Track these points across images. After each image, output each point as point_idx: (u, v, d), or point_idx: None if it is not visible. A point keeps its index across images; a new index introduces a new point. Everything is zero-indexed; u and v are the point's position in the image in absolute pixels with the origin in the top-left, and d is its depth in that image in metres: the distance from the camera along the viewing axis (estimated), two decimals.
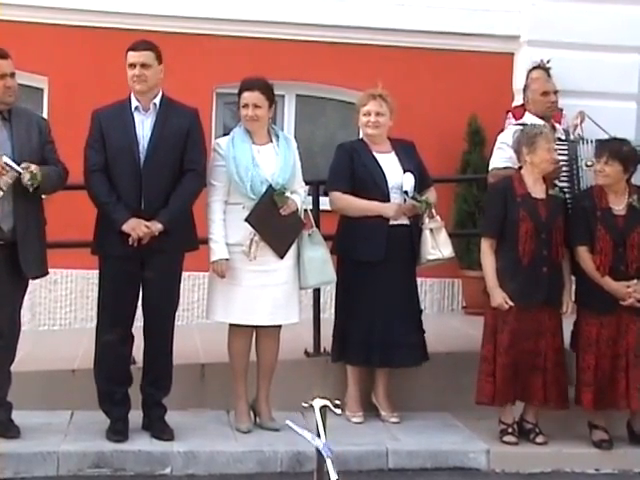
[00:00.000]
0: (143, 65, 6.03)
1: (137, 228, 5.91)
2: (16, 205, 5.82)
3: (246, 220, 6.17)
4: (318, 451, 3.69)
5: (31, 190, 5.74)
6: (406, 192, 6.59)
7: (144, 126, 6.08)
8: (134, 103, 6.12)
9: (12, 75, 5.92)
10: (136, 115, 6.10)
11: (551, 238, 6.36)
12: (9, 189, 5.70)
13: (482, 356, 6.49)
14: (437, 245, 6.65)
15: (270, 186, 6.20)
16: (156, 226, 5.94)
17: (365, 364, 6.72)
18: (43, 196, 6.12)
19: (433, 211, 6.65)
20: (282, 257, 6.29)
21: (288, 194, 6.28)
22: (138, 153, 6.02)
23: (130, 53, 6.07)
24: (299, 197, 6.41)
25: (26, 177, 5.67)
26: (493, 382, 6.41)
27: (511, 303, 6.29)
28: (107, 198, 6.02)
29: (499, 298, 6.28)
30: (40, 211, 6.09)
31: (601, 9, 8.82)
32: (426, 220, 6.63)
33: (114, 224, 5.97)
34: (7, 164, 5.65)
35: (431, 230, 6.64)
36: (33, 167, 5.71)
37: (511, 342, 6.39)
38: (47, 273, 6.23)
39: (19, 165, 5.69)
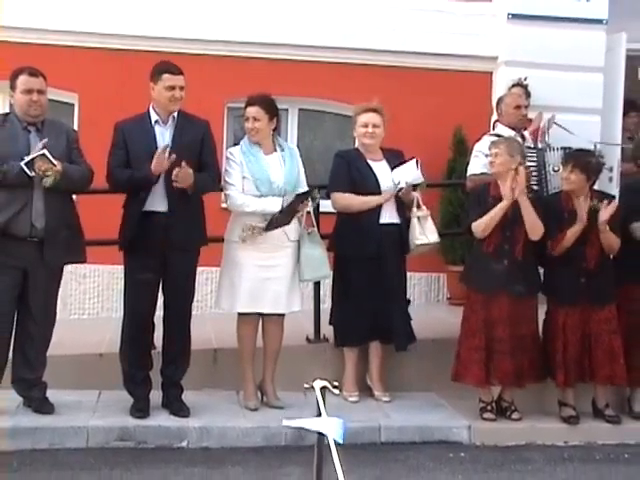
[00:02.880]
0: (182, 88, 6.05)
1: (159, 160, 5.85)
2: (48, 205, 5.82)
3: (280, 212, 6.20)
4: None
5: (50, 180, 5.69)
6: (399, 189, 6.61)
7: (164, 137, 6.07)
8: (154, 117, 6.11)
9: (39, 92, 5.92)
10: (157, 127, 6.10)
11: (514, 235, 6.35)
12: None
13: (458, 339, 6.55)
14: (424, 231, 6.68)
15: (312, 190, 6.39)
16: (187, 168, 5.87)
17: (359, 344, 6.75)
18: (74, 197, 6.15)
19: (420, 201, 6.66)
20: (266, 229, 6.23)
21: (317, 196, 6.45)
22: None
23: (169, 76, 6.03)
24: (311, 201, 6.45)
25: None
26: (463, 362, 6.47)
27: None
28: (129, 173, 5.99)
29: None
30: (71, 209, 6.09)
31: (569, 33, 8.81)
32: (414, 209, 6.66)
33: (145, 180, 5.93)
34: (46, 155, 5.66)
35: (418, 218, 6.66)
36: (58, 167, 5.70)
37: (478, 328, 6.42)
38: (78, 262, 6.23)
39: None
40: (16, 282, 5.91)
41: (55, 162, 5.68)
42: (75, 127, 8.46)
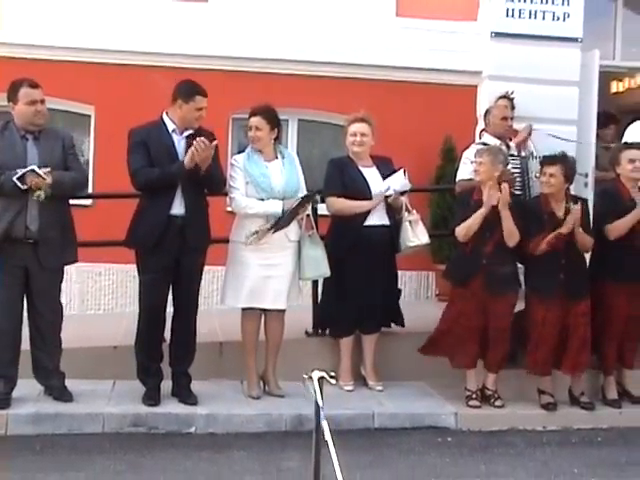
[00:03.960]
0: (205, 108, 6.09)
1: (198, 148, 5.84)
2: (42, 210, 5.80)
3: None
4: (317, 414, 3.71)
5: (42, 193, 5.69)
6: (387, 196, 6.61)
7: (181, 144, 6.08)
8: (170, 126, 6.10)
9: (42, 102, 5.93)
10: (174, 135, 6.10)
11: (492, 237, 6.36)
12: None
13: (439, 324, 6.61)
14: (416, 234, 6.67)
15: (315, 193, 6.42)
16: (211, 145, 5.90)
17: (347, 335, 6.76)
18: (72, 201, 6.13)
19: (409, 206, 6.66)
20: (271, 229, 6.23)
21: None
22: None
23: (201, 98, 6.06)
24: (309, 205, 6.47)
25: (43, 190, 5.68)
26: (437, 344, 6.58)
27: None
28: (159, 171, 5.97)
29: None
30: (65, 212, 6.06)
31: (547, 51, 8.84)
32: (405, 214, 6.65)
33: (178, 172, 5.93)
34: (35, 171, 5.66)
35: (410, 222, 6.66)
36: (48, 179, 5.68)
37: (455, 318, 6.49)
38: (71, 262, 6.19)
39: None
40: (20, 280, 5.93)
41: (44, 176, 5.66)
42: (92, 136, 8.51)
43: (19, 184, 5.64)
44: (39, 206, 5.78)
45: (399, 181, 6.60)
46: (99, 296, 8.53)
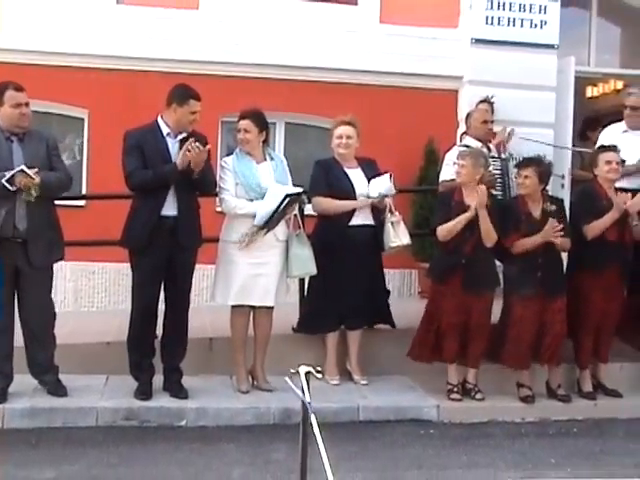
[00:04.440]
0: (199, 112, 6.10)
1: (185, 150, 5.86)
2: (29, 210, 5.79)
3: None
4: (304, 408, 3.70)
5: (32, 194, 5.67)
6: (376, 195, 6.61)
7: (174, 148, 6.07)
8: (165, 129, 6.09)
9: (27, 104, 5.90)
10: (168, 139, 6.09)
11: (472, 237, 6.35)
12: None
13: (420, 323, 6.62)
14: (398, 235, 6.66)
15: (302, 192, 6.33)
16: (205, 149, 5.92)
17: (334, 329, 6.77)
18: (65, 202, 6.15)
19: (392, 208, 6.67)
20: (261, 229, 6.22)
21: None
22: None
23: (194, 102, 6.05)
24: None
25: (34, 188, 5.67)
26: (422, 344, 6.58)
27: None
28: (153, 172, 5.96)
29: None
30: (51, 212, 6.03)
31: (525, 57, 8.91)
32: (388, 215, 6.64)
33: (172, 173, 5.93)
34: (24, 171, 5.65)
35: (392, 223, 6.66)
36: (37, 179, 5.67)
37: (435, 314, 6.50)
38: (58, 260, 6.16)
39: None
40: (10, 278, 5.90)
41: (33, 175, 5.64)
42: (85, 139, 8.49)
43: (8, 186, 5.62)
44: (27, 206, 5.76)
45: (385, 185, 6.60)
46: (92, 294, 8.51)
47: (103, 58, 8.39)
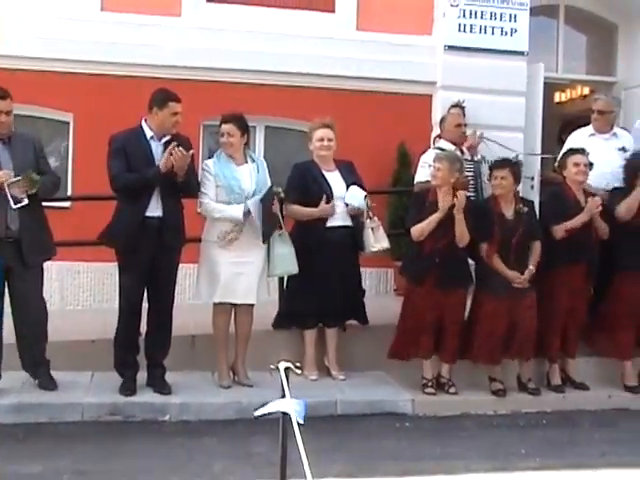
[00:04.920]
0: (180, 113, 6.09)
1: (175, 155, 5.84)
2: (21, 211, 5.79)
3: (261, 199, 6.20)
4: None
5: (34, 191, 5.73)
6: (347, 204, 6.61)
7: (158, 151, 6.06)
8: (148, 133, 6.08)
9: (7, 113, 5.86)
10: (151, 142, 6.08)
11: (445, 236, 6.38)
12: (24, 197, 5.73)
13: (398, 323, 6.62)
14: (378, 240, 6.69)
15: (272, 186, 6.29)
16: (188, 154, 5.90)
17: (312, 327, 6.77)
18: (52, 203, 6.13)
19: (371, 214, 6.67)
20: (264, 242, 6.29)
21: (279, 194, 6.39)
22: None
23: (174, 104, 6.05)
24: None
25: (27, 183, 5.70)
26: (400, 342, 6.59)
27: None
28: (137, 175, 5.96)
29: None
30: (41, 213, 6.04)
31: (496, 63, 8.94)
32: (367, 221, 6.65)
33: (155, 176, 5.92)
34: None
35: (372, 229, 6.67)
36: (33, 174, 5.72)
37: (411, 312, 6.52)
38: (49, 258, 6.16)
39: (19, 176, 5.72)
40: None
41: (18, 178, 5.68)
42: (70, 142, 8.44)
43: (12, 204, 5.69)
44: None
45: (358, 200, 6.60)
46: (78, 293, 8.46)
47: (88, 63, 8.34)
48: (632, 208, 6.76)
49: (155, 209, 6.03)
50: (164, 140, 6.07)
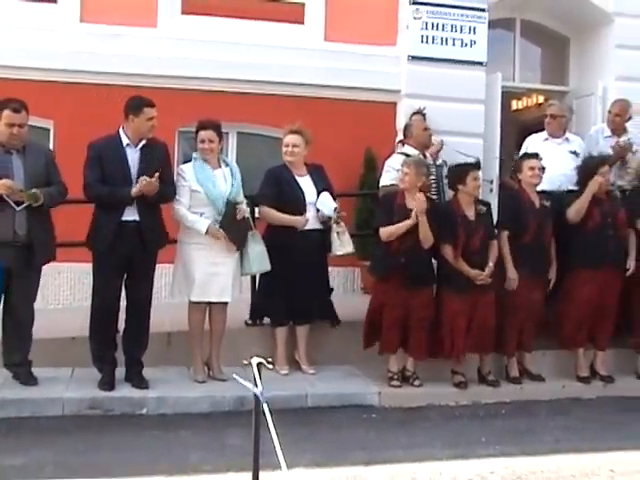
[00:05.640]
0: (155, 118, 6.04)
1: (146, 185, 5.83)
2: (28, 216, 5.79)
3: (220, 226, 6.17)
4: (255, 395, 3.71)
5: (34, 205, 5.75)
6: (318, 209, 6.61)
7: (134, 157, 6.02)
8: (125, 140, 6.04)
9: (20, 126, 5.84)
10: (127, 149, 6.03)
11: (411, 237, 6.38)
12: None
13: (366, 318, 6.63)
14: (343, 244, 6.69)
15: (228, 200, 6.21)
16: (154, 181, 5.87)
17: (285, 323, 6.76)
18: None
19: (339, 218, 6.67)
20: (238, 249, 6.29)
21: (242, 205, 6.32)
22: (131, 178, 5.96)
23: (150, 110, 6.02)
24: (245, 207, 6.41)
25: (31, 199, 5.73)
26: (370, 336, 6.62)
27: None
28: (110, 190, 5.93)
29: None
30: (48, 219, 6.03)
31: (457, 72, 8.99)
32: (334, 226, 6.65)
33: (124, 200, 5.89)
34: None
35: (337, 233, 6.67)
36: (36, 191, 5.74)
37: (378, 310, 6.51)
38: (53, 259, 6.14)
39: (30, 189, 5.74)
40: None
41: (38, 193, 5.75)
42: (51, 147, 8.35)
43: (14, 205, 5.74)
44: (27, 213, 5.78)
45: (328, 209, 6.60)
46: (58, 292, 8.39)
47: (68, 72, 8.29)
48: (581, 211, 6.82)
49: (131, 213, 5.99)
50: (141, 145, 6.03)
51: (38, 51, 8.26)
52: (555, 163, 7.27)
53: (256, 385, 3.64)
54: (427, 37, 9.06)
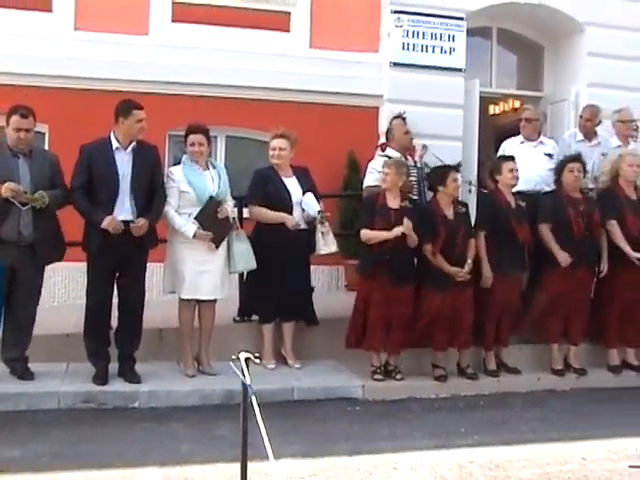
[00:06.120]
0: (144, 119, 6.05)
1: (111, 224, 5.85)
2: (34, 217, 5.80)
3: (195, 218, 6.17)
4: (244, 389, 3.71)
5: (37, 207, 5.76)
6: (304, 209, 6.62)
7: (123, 160, 6.01)
8: (115, 144, 6.03)
9: (27, 130, 5.85)
10: (117, 153, 6.02)
11: (396, 238, 6.37)
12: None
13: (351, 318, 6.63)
14: (327, 243, 6.70)
15: (211, 197, 6.22)
16: (142, 223, 5.90)
17: (271, 320, 6.77)
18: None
19: (323, 219, 6.69)
20: (217, 247, 6.28)
21: (226, 204, 6.33)
22: (118, 181, 5.95)
23: (138, 112, 6.01)
24: (230, 207, 6.42)
25: (36, 203, 5.75)
26: (355, 333, 6.59)
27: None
28: (87, 208, 5.94)
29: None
30: (54, 221, 6.04)
31: (436, 78, 9.06)
32: (318, 226, 6.67)
33: (96, 223, 5.90)
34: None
35: (322, 233, 6.69)
36: (39, 194, 5.75)
37: (364, 307, 6.52)
38: (59, 260, 6.15)
39: (35, 192, 5.75)
40: (7, 277, 5.85)
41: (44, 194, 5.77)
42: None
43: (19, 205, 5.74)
44: (33, 214, 5.78)
45: (313, 210, 6.61)
46: (53, 290, 8.35)
47: (62, 78, 8.30)
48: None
49: (127, 214, 5.98)
50: (130, 148, 6.03)
51: (34, 58, 8.27)
52: (530, 165, 7.33)
53: (244, 379, 3.65)
54: (408, 44, 9.11)
